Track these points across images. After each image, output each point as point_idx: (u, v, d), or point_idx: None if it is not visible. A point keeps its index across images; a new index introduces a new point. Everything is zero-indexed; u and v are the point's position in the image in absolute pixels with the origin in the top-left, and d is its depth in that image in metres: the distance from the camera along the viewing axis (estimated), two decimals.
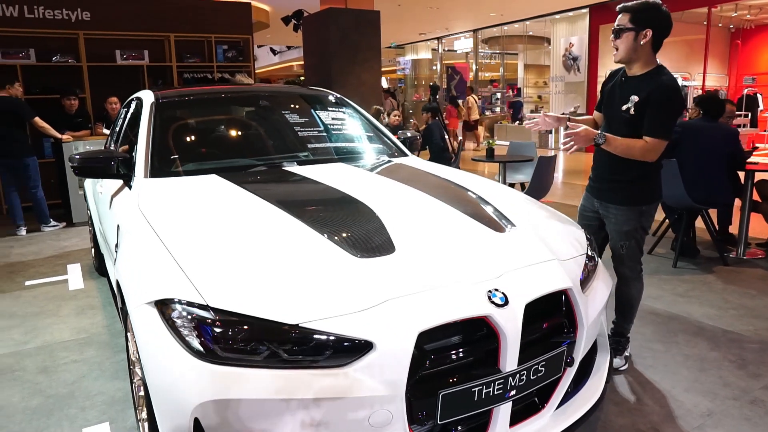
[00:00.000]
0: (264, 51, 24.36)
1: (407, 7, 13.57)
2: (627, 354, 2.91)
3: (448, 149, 7.55)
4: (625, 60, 2.59)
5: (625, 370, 2.84)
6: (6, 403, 2.67)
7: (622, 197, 2.66)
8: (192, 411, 1.55)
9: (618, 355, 2.87)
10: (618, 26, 2.52)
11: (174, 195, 2.48)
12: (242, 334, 1.60)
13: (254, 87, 4.23)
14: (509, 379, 1.75)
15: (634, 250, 2.74)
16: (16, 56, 7.18)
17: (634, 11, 2.50)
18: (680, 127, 4.60)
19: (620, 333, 2.91)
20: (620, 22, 2.52)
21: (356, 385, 1.57)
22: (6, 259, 5.20)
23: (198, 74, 8.59)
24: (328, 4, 10.48)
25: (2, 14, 7.24)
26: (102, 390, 2.76)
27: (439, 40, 20.24)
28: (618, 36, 2.52)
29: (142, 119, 3.06)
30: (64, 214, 6.66)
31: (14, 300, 4.09)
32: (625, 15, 2.51)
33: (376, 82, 10.26)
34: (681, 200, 4.51)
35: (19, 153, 6.01)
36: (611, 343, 2.87)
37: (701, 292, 3.98)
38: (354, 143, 3.44)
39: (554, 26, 15.06)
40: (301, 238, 1.94)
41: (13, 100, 6.02)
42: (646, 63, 2.57)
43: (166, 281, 1.77)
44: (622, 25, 2.51)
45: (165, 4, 8.32)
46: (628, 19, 2.50)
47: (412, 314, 1.63)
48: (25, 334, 3.47)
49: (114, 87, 7.27)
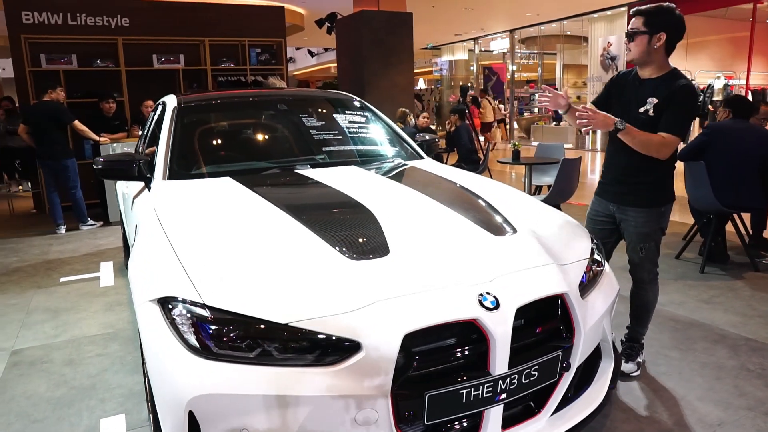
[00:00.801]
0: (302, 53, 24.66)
1: (441, 9, 13.54)
2: (640, 360, 2.86)
3: (476, 151, 7.52)
4: (638, 62, 2.59)
5: (638, 377, 2.79)
6: (33, 393, 2.82)
7: (644, 199, 2.65)
8: (187, 404, 1.61)
9: (630, 361, 2.83)
10: (632, 29, 2.53)
11: (187, 197, 2.57)
12: (236, 332, 1.66)
13: (273, 91, 4.32)
14: (499, 383, 1.76)
15: (653, 251, 2.73)
16: (59, 62, 7.51)
17: (648, 15, 2.51)
18: (709, 128, 4.48)
19: (634, 338, 2.87)
20: (634, 25, 2.53)
21: (343, 384, 1.61)
22: (45, 256, 5.46)
23: (232, 77, 8.78)
24: (361, 6, 10.57)
25: (48, 22, 7.59)
26: (121, 383, 2.88)
27: (476, 41, 20.09)
28: (632, 39, 2.54)
29: (164, 123, 3.19)
30: (102, 213, 6.94)
31: (49, 295, 4.30)
32: (639, 18, 2.52)
33: (409, 84, 10.28)
34: (709, 204, 4.39)
35: (59, 155, 6.30)
36: (624, 348, 2.87)
37: (727, 298, 3.86)
38: (369, 146, 3.47)
39: (592, 25, 14.75)
40: (300, 241, 1.99)
41: (53, 104, 6.31)
42: (660, 66, 2.58)
43: (169, 280, 1.84)
44: (636, 28, 2.52)
45: (200, 10, 8.56)
46: (642, 23, 2.51)
47: (400, 316, 1.66)
48: (56, 328, 3.65)
49: (151, 90, 7.51)
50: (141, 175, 2.94)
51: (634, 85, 2.66)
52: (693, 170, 4.44)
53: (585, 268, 2.17)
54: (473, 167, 7.41)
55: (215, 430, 1.63)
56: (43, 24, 7.57)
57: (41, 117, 6.24)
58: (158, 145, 3.05)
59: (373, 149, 3.45)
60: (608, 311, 2.23)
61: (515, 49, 18.80)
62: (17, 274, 4.89)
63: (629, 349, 2.86)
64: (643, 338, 2.88)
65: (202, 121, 3.39)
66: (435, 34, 18.99)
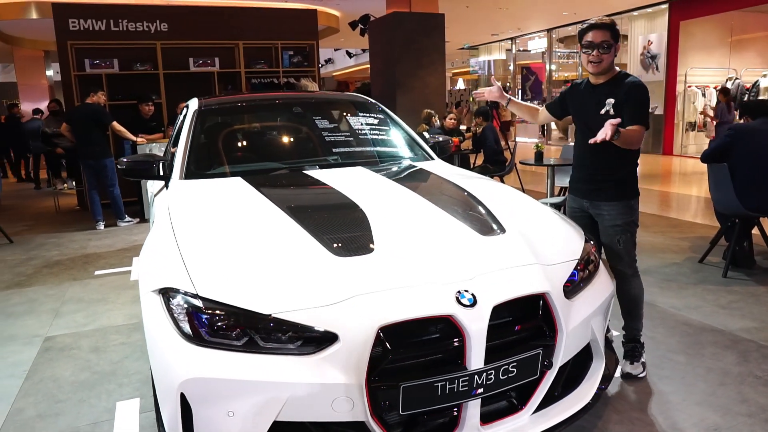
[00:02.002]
0: (341, 54, 24.96)
1: (475, 9, 13.51)
2: (644, 360, 2.88)
3: (502, 152, 7.51)
4: (605, 70, 2.75)
5: (642, 378, 2.79)
6: (60, 376, 3.04)
7: (614, 194, 2.80)
8: (178, 386, 1.74)
9: (635, 361, 2.85)
10: (606, 41, 2.67)
11: (198, 195, 2.73)
12: (225, 322, 1.79)
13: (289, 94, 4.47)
14: (475, 377, 1.82)
15: (629, 243, 2.84)
16: (102, 66, 7.89)
17: (612, 28, 2.69)
18: (733, 129, 4.38)
19: (633, 338, 2.89)
20: (605, 37, 2.67)
21: (321, 373, 1.71)
22: (84, 251, 5.77)
23: (265, 79, 9.02)
24: (393, 8, 10.67)
25: (92, 28, 7.99)
26: (140, 370, 3.06)
27: (513, 41, 19.92)
28: (608, 50, 2.68)
29: (185, 125, 3.36)
30: (139, 210, 7.26)
31: (83, 287, 4.57)
32: (607, 32, 2.68)
33: (441, 85, 10.32)
34: (732, 207, 4.29)
35: (99, 155, 6.64)
36: (627, 351, 2.89)
37: (746, 304, 3.78)
38: (380, 148, 3.56)
39: (631, 23, 14.45)
40: (292, 238, 2.10)
41: (94, 106, 6.65)
42: (612, 71, 2.78)
43: (170, 272, 1.98)
44: (608, 41, 2.68)
45: (235, 14, 8.83)
46: (610, 36, 2.68)
47: (376, 310, 1.75)
48: (86, 318, 3.88)
49: (187, 92, 7.77)
50: (160, 174, 3.11)
51: (588, 91, 2.85)
52: (716, 172, 4.35)
53: (575, 268, 2.21)
54: (499, 168, 7.41)
55: (205, 411, 1.76)
56: (88, 30, 7.96)
57: (83, 118, 6.59)
58: (178, 146, 3.22)
59: (383, 150, 3.54)
60: (600, 311, 2.25)
61: (553, 49, 18.55)
62: (57, 267, 5.20)
63: (632, 351, 2.87)
64: (641, 336, 2.90)
65: (220, 124, 3.55)
66: (471, 34, 18.92)
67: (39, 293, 4.45)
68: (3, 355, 3.34)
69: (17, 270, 5.15)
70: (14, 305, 4.20)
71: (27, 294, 4.45)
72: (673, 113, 13.37)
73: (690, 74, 13.07)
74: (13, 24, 12.02)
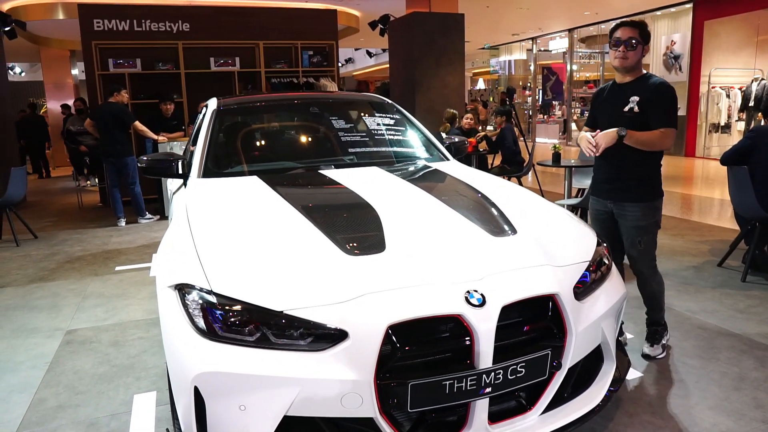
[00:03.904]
0: (361, 54, 25.04)
1: (496, 9, 13.46)
2: (665, 341, 3.03)
3: (520, 152, 7.48)
4: (630, 68, 2.81)
5: (653, 384, 2.78)
6: (80, 368, 3.12)
7: (639, 194, 2.84)
8: (192, 379, 1.79)
9: (655, 344, 3.01)
10: (631, 38, 2.74)
11: (215, 193, 2.78)
12: (238, 318, 1.83)
13: (306, 95, 4.51)
14: (483, 377, 1.83)
15: (650, 245, 2.90)
16: (125, 66, 8.05)
17: (641, 28, 2.77)
18: (754, 131, 4.32)
19: (655, 322, 3.05)
20: (632, 34, 2.74)
21: (331, 369, 1.74)
22: (105, 247, 5.90)
23: (284, 79, 9.11)
24: (413, 8, 10.68)
25: (116, 29, 8.14)
26: (157, 364, 3.13)
27: (534, 41, 19.77)
28: (634, 48, 2.74)
29: (204, 124, 3.42)
30: (159, 207, 7.38)
31: (104, 282, 4.67)
32: (635, 30, 2.76)
33: (460, 85, 10.31)
34: (752, 210, 4.23)
35: (121, 153, 6.78)
36: (649, 333, 3.06)
37: (765, 309, 3.73)
38: (396, 148, 3.58)
39: (654, 23, 14.25)
40: (305, 236, 2.14)
41: (117, 106, 6.78)
42: (638, 71, 2.84)
43: (186, 268, 2.03)
44: (636, 38, 2.74)
45: (255, 14, 8.93)
46: (638, 34, 2.74)
47: (385, 308, 1.78)
48: (107, 312, 3.97)
49: (208, 91, 7.87)
50: (179, 172, 3.17)
51: (613, 90, 2.92)
52: (736, 175, 4.29)
53: (586, 270, 2.21)
54: (517, 168, 7.38)
55: (218, 405, 1.80)
56: (112, 30, 8.12)
57: (106, 117, 6.73)
58: (196, 145, 3.28)
59: (398, 151, 3.56)
60: (611, 314, 2.25)
61: (575, 49, 18.37)
62: (79, 262, 5.32)
63: (653, 333, 3.04)
64: (663, 320, 3.03)
65: (238, 123, 3.61)
66: (492, 34, 18.84)
67: (61, 288, 4.57)
68: (26, 347, 3.44)
69: (41, 265, 5.29)
70: (37, 299, 4.32)
71: (50, 288, 4.57)
72: (696, 115, 13.16)
73: (714, 75, 12.85)
74: (40, 24, 12.29)
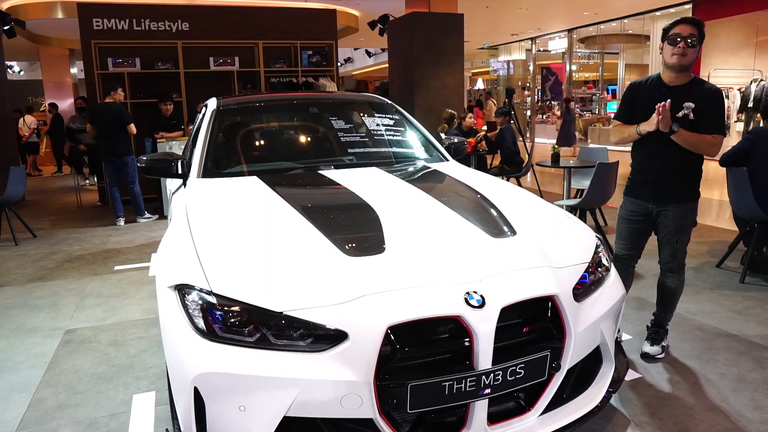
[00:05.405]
0: (360, 53, 25.04)
1: (495, 9, 13.46)
2: (665, 344, 3.10)
3: (519, 153, 7.49)
4: (685, 67, 2.75)
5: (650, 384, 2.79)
6: (79, 368, 3.12)
7: (684, 195, 2.91)
8: (192, 380, 1.79)
9: (656, 344, 3.07)
10: (693, 35, 2.68)
11: (215, 193, 2.78)
12: (238, 318, 1.83)
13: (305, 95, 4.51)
14: (482, 378, 1.84)
15: (685, 242, 2.98)
16: (124, 65, 8.04)
17: (700, 26, 2.71)
18: (753, 133, 4.33)
19: (660, 324, 3.12)
20: (692, 31, 2.68)
21: (331, 370, 1.74)
22: (104, 246, 5.90)
23: (283, 78, 9.10)
24: (413, 8, 10.67)
25: (115, 28, 8.14)
26: (156, 364, 3.13)
27: (533, 41, 19.79)
28: (694, 46, 2.68)
29: (203, 124, 3.42)
30: (159, 207, 7.38)
31: (103, 282, 4.67)
32: (695, 27, 2.70)
33: (459, 85, 10.31)
34: (751, 211, 4.24)
35: (121, 152, 6.78)
36: (650, 333, 3.12)
37: (764, 310, 3.73)
38: (395, 148, 3.58)
39: (654, 23, 14.29)
40: (305, 237, 2.14)
41: (117, 106, 6.79)
42: (690, 73, 2.81)
43: (186, 269, 2.03)
44: (696, 36, 2.68)
45: (255, 14, 8.93)
46: (698, 32, 2.68)
47: (385, 309, 1.78)
48: (106, 312, 3.97)
49: (207, 91, 7.87)
50: (179, 172, 3.17)
51: (661, 91, 2.80)
52: (735, 176, 4.30)
53: (586, 271, 2.21)
54: (516, 169, 7.39)
55: (217, 405, 1.80)
56: (111, 30, 8.12)
57: (106, 117, 6.73)
58: (196, 145, 3.28)
59: (398, 151, 3.56)
60: (610, 315, 2.25)
61: (574, 49, 18.39)
62: (78, 262, 5.32)
63: (654, 334, 3.10)
64: (668, 324, 3.14)
65: (237, 123, 3.61)
66: (492, 34, 18.85)
67: (61, 287, 4.57)
68: (26, 346, 3.44)
69: (40, 264, 5.29)
70: (37, 298, 4.32)
71: (49, 287, 4.57)
72: None
73: (713, 75, 12.86)
74: (39, 23, 12.29)
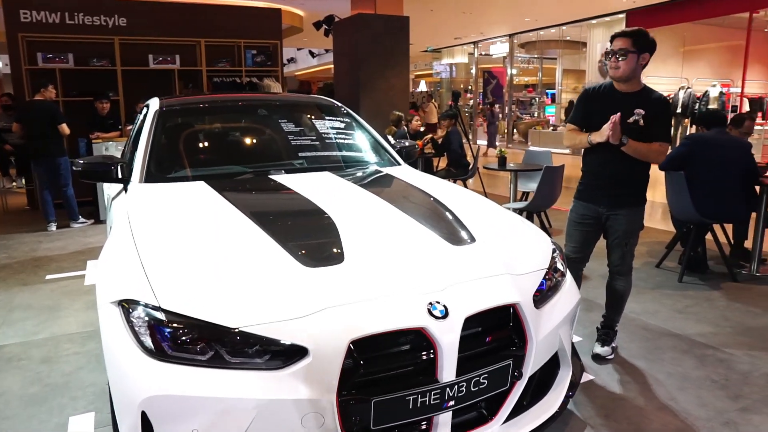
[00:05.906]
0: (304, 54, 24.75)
1: (439, 12, 13.60)
2: (614, 345, 3.20)
3: (465, 156, 7.56)
4: (624, 78, 2.86)
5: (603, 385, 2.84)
6: (6, 390, 2.87)
7: (635, 200, 3.02)
8: (139, 404, 1.66)
9: (606, 345, 3.16)
10: (622, 49, 2.78)
11: (159, 200, 2.62)
12: (189, 336, 1.71)
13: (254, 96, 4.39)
14: (447, 390, 1.80)
15: (634, 245, 3.08)
16: (56, 61, 7.58)
17: (635, 36, 2.78)
18: (690, 139, 4.52)
19: (609, 326, 3.20)
20: (623, 44, 2.78)
21: (290, 388, 1.65)
22: (34, 253, 5.52)
23: (227, 78, 8.84)
24: (358, 9, 10.62)
25: (45, 21, 7.66)
26: (95, 381, 2.93)
27: (475, 45, 20.14)
28: (625, 56, 2.77)
29: (145, 126, 3.23)
30: (94, 211, 6.99)
31: (33, 293, 4.35)
32: (627, 39, 2.79)
33: (405, 87, 10.33)
34: (689, 214, 4.43)
35: (54, 153, 6.37)
36: (600, 335, 3.20)
37: (702, 308, 3.90)
38: (346, 152, 3.52)
39: (591, 31, 14.81)
40: (259, 247, 2.04)
41: (48, 104, 6.39)
42: (638, 81, 2.92)
43: (130, 283, 1.89)
44: (626, 48, 2.77)
45: (197, 11, 8.62)
46: (630, 44, 2.77)
47: (347, 323, 1.71)
48: (37, 326, 3.70)
49: (146, 90, 7.54)
50: (119, 177, 2.98)
51: (615, 98, 2.91)
52: (673, 180, 4.48)
53: (543, 277, 2.22)
54: (462, 171, 7.46)
55: (167, 430, 1.68)
56: (41, 23, 7.64)
57: (37, 116, 6.31)
58: (137, 147, 3.10)
59: (349, 155, 3.49)
60: (567, 320, 2.27)
61: (515, 54, 18.85)
62: (4, 271, 4.94)
63: (605, 335, 3.19)
64: (617, 325, 3.24)
65: (182, 125, 3.44)
66: (436, 37, 19.04)
67: None
68: None
69: None
70: None
71: None
72: None
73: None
74: None
